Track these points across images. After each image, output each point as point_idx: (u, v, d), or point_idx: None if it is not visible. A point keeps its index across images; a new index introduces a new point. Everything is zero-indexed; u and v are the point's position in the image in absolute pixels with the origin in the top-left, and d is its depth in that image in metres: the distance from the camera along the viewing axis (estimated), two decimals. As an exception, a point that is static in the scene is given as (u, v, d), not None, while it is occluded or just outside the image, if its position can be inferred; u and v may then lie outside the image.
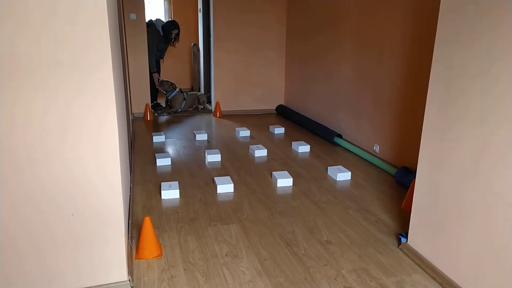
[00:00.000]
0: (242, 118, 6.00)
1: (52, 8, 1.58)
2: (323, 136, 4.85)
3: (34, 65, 1.61)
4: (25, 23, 1.56)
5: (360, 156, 4.19)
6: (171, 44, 6.38)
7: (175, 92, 6.19)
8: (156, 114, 6.14)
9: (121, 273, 1.98)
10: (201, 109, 6.42)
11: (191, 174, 3.67)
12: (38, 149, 1.70)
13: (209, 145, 4.61)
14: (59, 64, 1.63)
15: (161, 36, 6.15)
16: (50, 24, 1.59)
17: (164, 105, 6.38)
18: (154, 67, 6.16)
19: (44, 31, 1.59)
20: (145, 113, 5.87)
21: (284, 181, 3.43)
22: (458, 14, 1.93)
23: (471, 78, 1.88)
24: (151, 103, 6.20)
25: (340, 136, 4.63)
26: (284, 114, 6.08)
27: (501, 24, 1.72)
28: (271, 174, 3.63)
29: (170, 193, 3.15)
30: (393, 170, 3.63)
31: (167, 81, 6.23)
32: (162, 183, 3.30)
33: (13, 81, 1.60)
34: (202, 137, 4.83)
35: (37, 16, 1.57)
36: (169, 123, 5.68)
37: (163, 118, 5.99)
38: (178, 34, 6.29)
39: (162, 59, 6.59)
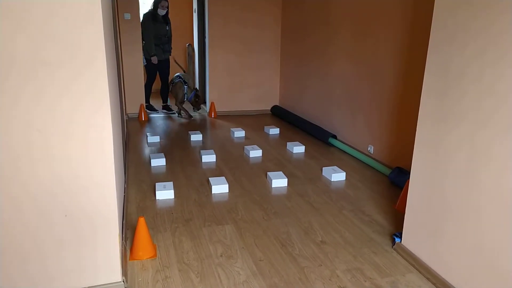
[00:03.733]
0: (237, 118, 6.00)
1: (46, 5, 1.56)
2: (318, 136, 4.86)
3: (24, 63, 1.59)
4: (19, 21, 1.55)
5: (354, 157, 4.20)
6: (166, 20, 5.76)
7: (177, 80, 5.88)
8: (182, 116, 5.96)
9: (115, 274, 1.97)
10: (196, 110, 6.23)
11: (186, 174, 3.66)
12: (32, 149, 1.68)
13: (204, 145, 4.60)
14: (48, 62, 1.61)
15: (154, 15, 5.64)
16: (39, 21, 1.58)
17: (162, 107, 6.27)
18: (152, 50, 5.72)
19: (34, 29, 1.58)
20: (140, 113, 5.84)
21: (279, 182, 3.43)
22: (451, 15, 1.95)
23: (464, 69, 1.89)
24: (146, 103, 6.16)
25: (334, 136, 4.65)
26: (279, 114, 6.08)
27: (497, 6, 1.73)
28: (266, 174, 3.63)
29: (165, 193, 3.14)
30: (387, 171, 3.64)
31: (179, 79, 5.86)
32: (156, 183, 3.28)
33: None
34: (197, 137, 4.82)
35: (22, 12, 1.56)
36: (164, 124, 5.66)
37: (158, 118, 5.97)
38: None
39: (170, 54, 6.01)
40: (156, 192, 3.14)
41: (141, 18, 5.76)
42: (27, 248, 1.79)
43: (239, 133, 5.00)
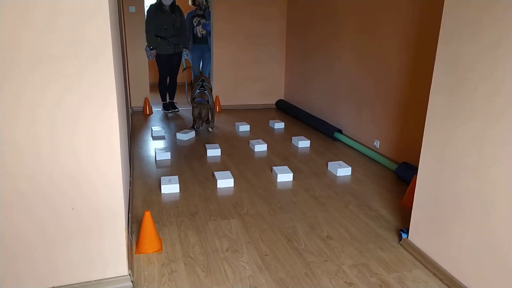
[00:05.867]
0: (241, 112, 5.97)
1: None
2: (323, 131, 4.83)
3: (29, 56, 1.58)
4: (23, 15, 1.54)
5: (360, 152, 4.18)
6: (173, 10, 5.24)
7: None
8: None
9: (121, 268, 1.97)
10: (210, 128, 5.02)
11: (191, 168, 3.66)
12: (38, 143, 1.68)
13: (208, 139, 4.59)
14: (54, 55, 1.60)
15: (159, 6, 5.23)
16: (45, 14, 1.56)
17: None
18: (152, 43, 5.31)
19: (40, 21, 1.56)
20: (144, 107, 5.84)
21: (285, 176, 3.42)
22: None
23: (474, 64, 1.87)
24: (163, 101, 5.82)
25: (340, 131, 4.62)
26: (284, 108, 6.06)
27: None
28: (271, 169, 3.62)
29: (170, 187, 3.14)
30: (393, 166, 3.62)
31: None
32: (162, 177, 3.28)
33: None
34: (201, 131, 4.80)
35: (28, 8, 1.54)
36: (168, 118, 5.65)
37: (163, 112, 5.95)
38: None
39: (182, 47, 5.54)
40: (162, 186, 3.14)
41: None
42: (34, 241, 1.79)
43: (244, 127, 4.98)
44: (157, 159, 3.87)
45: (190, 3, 5.99)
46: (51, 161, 1.72)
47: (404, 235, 2.45)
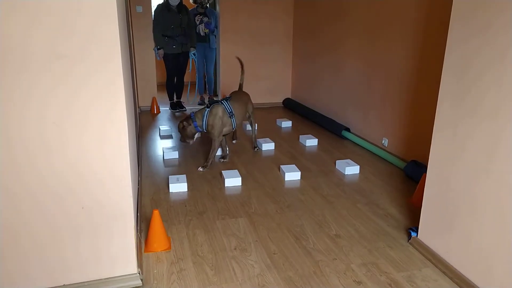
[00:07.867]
0: (249, 111, 5.97)
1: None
2: (331, 129, 4.81)
3: (41, 56, 1.60)
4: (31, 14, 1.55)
5: (368, 150, 4.15)
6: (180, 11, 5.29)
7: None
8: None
9: (131, 266, 1.98)
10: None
11: (199, 167, 3.66)
12: (48, 142, 1.70)
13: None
14: (62, 55, 1.61)
15: (166, 6, 5.29)
16: (56, 14, 1.57)
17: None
18: (159, 42, 5.37)
19: (47, 22, 1.58)
20: (152, 106, 5.86)
21: (292, 175, 3.41)
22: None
23: (485, 66, 1.84)
24: (170, 100, 5.87)
25: (348, 129, 4.60)
26: (291, 107, 6.04)
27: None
28: (279, 167, 3.61)
29: (178, 186, 3.15)
30: (402, 164, 3.60)
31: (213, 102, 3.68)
32: (170, 176, 3.29)
33: (8, 72, 1.57)
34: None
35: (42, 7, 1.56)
36: (176, 117, 5.67)
37: (170, 111, 5.97)
38: None
39: (189, 47, 5.58)
40: (170, 185, 3.15)
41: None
42: (45, 239, 1.81)
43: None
44: (165, 158, 3.89)
45: (191, 0, 5.99)
46: (61, 160, 1.73)
47: (413, 234, 2.43)
